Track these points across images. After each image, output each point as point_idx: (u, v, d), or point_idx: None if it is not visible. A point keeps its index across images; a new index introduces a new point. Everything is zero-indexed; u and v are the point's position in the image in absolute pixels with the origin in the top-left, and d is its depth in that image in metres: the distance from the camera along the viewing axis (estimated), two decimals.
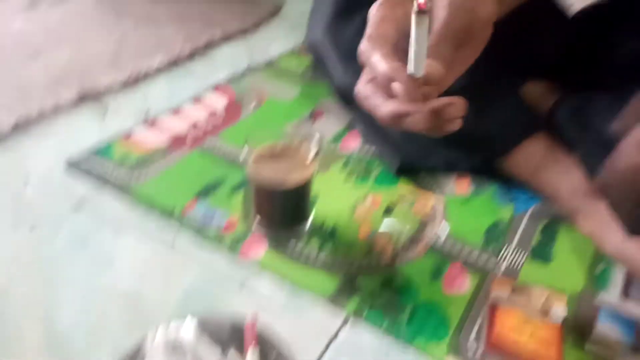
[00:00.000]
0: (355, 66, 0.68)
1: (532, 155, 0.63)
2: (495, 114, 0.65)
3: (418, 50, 0.38)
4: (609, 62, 0.69)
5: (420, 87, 0.40)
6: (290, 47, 1.04)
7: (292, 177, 0.54)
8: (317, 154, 0.55)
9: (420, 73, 0.39)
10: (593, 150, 0.58)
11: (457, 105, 0.40)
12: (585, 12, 0.68)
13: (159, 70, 0.94)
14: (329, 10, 0.69)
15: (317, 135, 0.55)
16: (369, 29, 0.43)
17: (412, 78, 0.39)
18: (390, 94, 0.41)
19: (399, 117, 0.41)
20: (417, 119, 0.40)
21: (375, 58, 0.40)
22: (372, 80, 0.43)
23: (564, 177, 0.60)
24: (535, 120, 0.65)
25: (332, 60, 0.71)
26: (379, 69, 0.40)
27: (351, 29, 0.67)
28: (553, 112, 0.66)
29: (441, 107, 0.40)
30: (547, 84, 0.73)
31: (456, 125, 0.41)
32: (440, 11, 0.41)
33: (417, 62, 0.38)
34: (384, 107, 0.42)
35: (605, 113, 0.59)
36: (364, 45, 0.42)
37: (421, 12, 0.36)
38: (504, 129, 0.64)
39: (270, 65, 0.97)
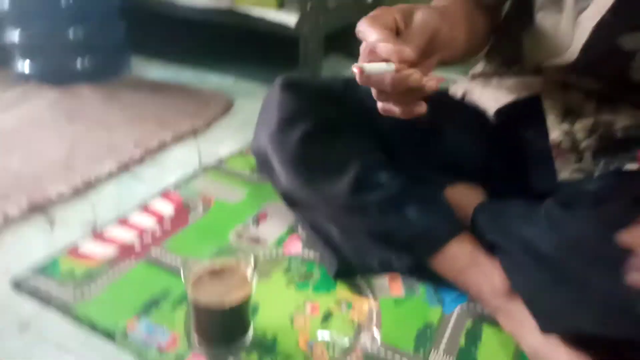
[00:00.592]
0: (298, 172, 0.73)
1: (457, 256, 0.68)
2: (421, 215, 0.70)
3: None
4: (523, 163, 0.76)
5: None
6: (240, 146, 1.09)
7: (231, 297, 0.57)
8: (255, 270, 0.58)
9: None
10: (511, 254, 0.63)
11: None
12: (503, 114, 0.76)
13: (109, 176, 0.97)
14: (274, 119, 0.74)
15: (252, 256, 0.58)
16: (366, 18, 0.51)
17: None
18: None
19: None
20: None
21: (368, 30, 0.49)
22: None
23: (486, 278, 0.65)
24: (459, 222, 0.70)
25: (277, 166, 0.76)
26: (370, 37, 0.49)
27: (295, 137, 0.72)
28: (475, 214, 0.72)
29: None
30: (471, 185, 0.79)
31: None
32: (419, 15, 0.52)
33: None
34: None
35: (520, 219, 0.65)
36: (361, 23, 0.51)
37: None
38: (430, 230, 0.69)
39: (219, 167, 1.01)
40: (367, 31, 0.50)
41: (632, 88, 0.63)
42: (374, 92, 0.52)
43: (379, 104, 0.53)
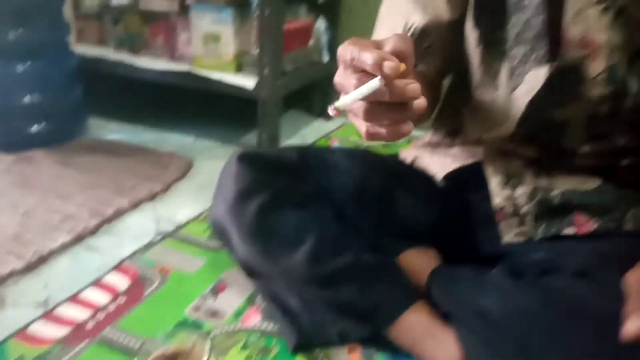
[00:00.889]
0: (256, 244, 0.73)
1: (413, 326, 0.69)
2: (377, 286, 0.71)
3: None
4: (470, 227, 0.79)
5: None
6: (199, 210, 1.09)
7: None
8: (210, 354, 0.57)
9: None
10: (466, 323, 0.65)
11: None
12: (450, 180, 0.79)
13: (63, 249, 0.95)
14: (231, 192, 0.74)
15: (208, 343, 0.58)
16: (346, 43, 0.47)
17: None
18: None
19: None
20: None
21: (352, 48, 0.45)
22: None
23: (442, 348, 0.66)
24: (414, 291, 0.72)
25: (234, 237, 0.76)
26: (354, 54, 0.44)
27: (252, 210, 0.73)
28: (430, 282, 0.74)
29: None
30: (425, 249, 0.81)
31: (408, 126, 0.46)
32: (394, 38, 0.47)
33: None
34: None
35: (472, 287, 0.67)
36: (342, 46, 0.46)
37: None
38: (386, 301, 0.70)
39: (177, 233, 1.01)
40: (347, 49, 0.45)
41: (566, 156, 0.68)
42: (360, 114, 0.47)
43: (364, 129, 0.48)
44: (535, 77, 0.62)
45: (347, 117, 0.51)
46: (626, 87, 0.59)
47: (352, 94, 0.44)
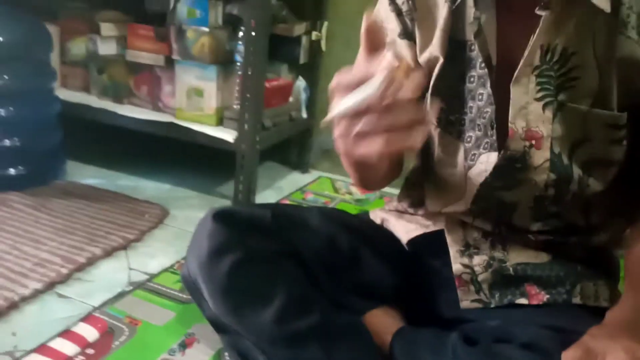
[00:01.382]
0: (226, 301, 0.76)
1: None
2: (342, 346, 0.74)
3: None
4: (432, 290, 0.83)
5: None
6: (172, 260, 1.11)
7: None
8: None
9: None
10: None
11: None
12: (413, 245, 0.84)
13: (34, 297, 0.95)
14: (204, 249, 0.77)
15: None
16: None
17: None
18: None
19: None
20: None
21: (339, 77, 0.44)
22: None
23: None
24: (377, 353, 0.75)
25: (206, 294, 0.78)
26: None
27: (224, 268, 0.75)
28: (392, 343, 0.77)
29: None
30: (390, 309, 0.85)
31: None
32: None
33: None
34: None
35: (431, 351, 0.71)
36: (333, 81, 0.45)
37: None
38: None
39: (149, 284, 1.02)
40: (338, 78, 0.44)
41: (519, 231, 0.73)
42: (362, 123, 0.42)
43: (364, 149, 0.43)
44: (487, 161, 0.68)
45: (322, 171, 0.52)
46: (569, 173, 0.65)
47: (344, 104, 0.41)
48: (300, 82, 1.61)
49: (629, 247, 0.69)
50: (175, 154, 1.68)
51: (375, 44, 0.46)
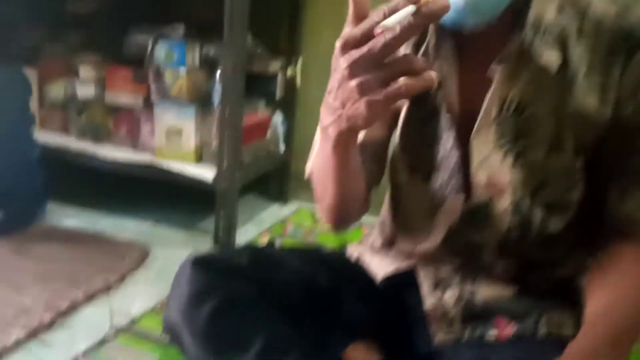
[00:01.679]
0: (207, 347, 0.77)
1: None
2: None
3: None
4: (407, 326, 0.86)
5: None
6: (154, 302, 1.12)
7: None
8: None
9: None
10: None
11: None
12: (389, 281, 0.86)
13: (17, 346, 0.95)
14: (185, 295, 0.78)
15: None
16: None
17: None
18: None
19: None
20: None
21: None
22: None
23: None
24: None
25: (187, 339, 0.80)
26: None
27: (204, 314, 0.77)
28: None
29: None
30: (369, 345, 0.87)
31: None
32: None
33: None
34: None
35: None
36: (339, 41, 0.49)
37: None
38: None
39: (131, 328, 1.03)
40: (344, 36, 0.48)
41: (486, 268, 0.76)
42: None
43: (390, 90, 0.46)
44: (454, 204, 0.71)
45: (301, 201, 0.55)
46: (531, 216, 0.69)
47: (392, 18, 0.45)
48: (278, 117, 1.65)
49: (588, 278, 0.73)
50: (156, 190, 1.69)
51: (361, 14, 0.50)
